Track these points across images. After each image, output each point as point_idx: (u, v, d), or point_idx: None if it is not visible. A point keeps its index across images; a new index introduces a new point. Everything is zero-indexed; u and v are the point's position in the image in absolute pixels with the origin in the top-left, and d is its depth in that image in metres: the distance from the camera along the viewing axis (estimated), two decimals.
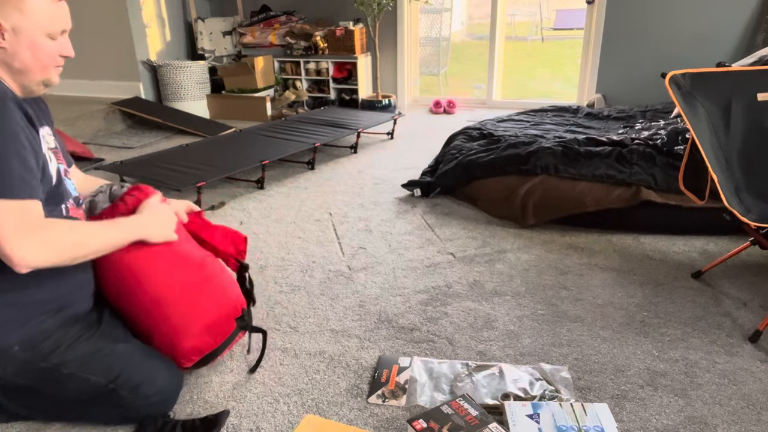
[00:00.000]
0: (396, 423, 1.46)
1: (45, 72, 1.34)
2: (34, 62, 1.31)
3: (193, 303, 1.45)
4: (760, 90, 2.01)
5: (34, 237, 1.21)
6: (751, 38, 4.27)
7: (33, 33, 1.29)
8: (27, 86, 1.34)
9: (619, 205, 2.51)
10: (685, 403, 1.51)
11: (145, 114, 4.62)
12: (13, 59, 1.29)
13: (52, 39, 1.33)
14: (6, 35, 1.26)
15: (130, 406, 1.38)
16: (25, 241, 1.19)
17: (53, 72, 1.36)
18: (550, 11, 11.87)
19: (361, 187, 3.26)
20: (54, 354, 1.33)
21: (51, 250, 1.24)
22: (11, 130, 1.22)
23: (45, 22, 1.30)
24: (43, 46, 1.31)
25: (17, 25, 1.27)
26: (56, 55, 1.35)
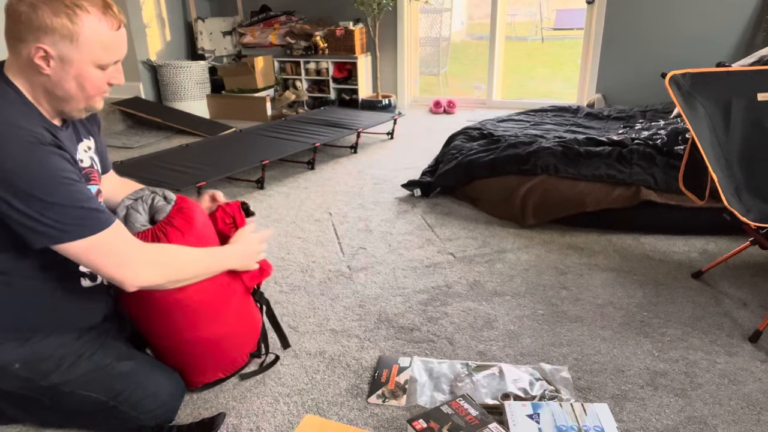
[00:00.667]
0: (396, 423, 1.46)
1: (89, 101, 1.23)
2: (78, 93, 1.19)
3: (223, 351, 1.52)
4: (760, 90, 2.01)
5: (135, 258, 1.21)
6: (751, 38, 4.27)
7: (82, 64, 1.16)
8: (67, 113, 1.24)
9: (619, 205, 2.51)
10: (685, 403, 1.51)
11: (145, 114, 4.62)
12: (56, 88, 1.17)
13: (102, 69, 1.20)
14: (52, 63, 1.14)
15: (132, 419, 1.37)
16: (129, 265, 1.20)
17: (98, 99, 1.25)
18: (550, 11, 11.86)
19: (361, 187, 3.26)
20: (54, 374, 1.30)
21: (155, 270, 1.24)
22: (62, 172, 1.14)
23: (98, 54, 1.17)
24: (91, 77, 1.19)
25: (66, 54, 1.14)
26: (104, 85, 1.23)
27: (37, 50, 1.13)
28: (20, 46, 1.14)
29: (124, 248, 1.21)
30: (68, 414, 1.39)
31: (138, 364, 1.41)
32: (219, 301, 1.44)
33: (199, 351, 1.47)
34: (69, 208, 1.14)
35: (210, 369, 1.53)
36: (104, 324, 1.44)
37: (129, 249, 1.22)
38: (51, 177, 1.13)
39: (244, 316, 1.54)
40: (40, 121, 1.19)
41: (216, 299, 1.43)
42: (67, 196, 1.14)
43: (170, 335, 1.44)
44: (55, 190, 1.13)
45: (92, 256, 1.17)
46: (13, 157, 1.09)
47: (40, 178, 1.11)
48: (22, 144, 1.11)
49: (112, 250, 1.19)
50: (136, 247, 1.23)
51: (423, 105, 5.54)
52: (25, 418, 1.44)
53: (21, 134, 1.12)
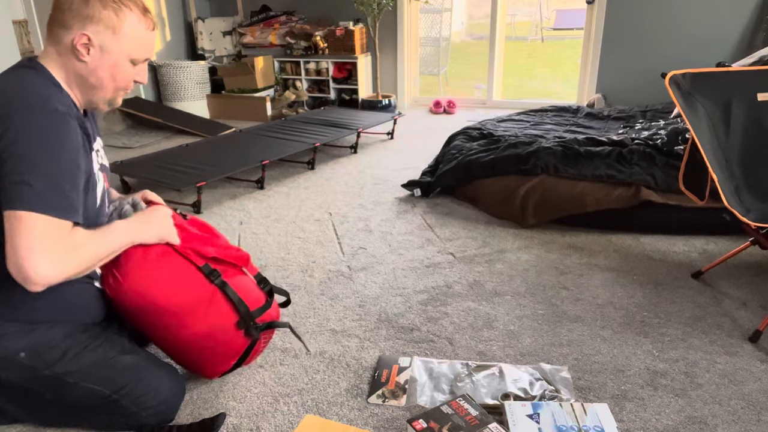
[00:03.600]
0: (396, 423, 1.46)
1: (116, 93, 1.33)
2: (110, 82, 1.29)
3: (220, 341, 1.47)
4: (760, 90, 2.01)
5: (58, 256, 1.14)
6: (751, 38, 4.27)
7: (119, 55, 1.27)
8: (93, 102, 1.33)
9: (619, 205, 2.51)
10: (685, 403, 1.51)
11: (145, 114, 4.62)
12: (91, 75, 1.27)
13: (134, 64, 1.32)
14: (92, 51, 1.25)
15: (133, 415, 1.38)
16: (47, 260, 1.13)
17: (121, 94, 1.35)
18: (550, 11, 11.87)
19: (361, 187, 3.26)
20: (59, 363, 1.32)
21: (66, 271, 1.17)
22: (71, 148, 1.20)
23: (134, 48, 1.29)
24: (124, 69, 1.30)
25: (107, 44, 1.25)
26: (131, 80, 1.33)
27: (81, 37, 1.23)
28: (63, 33, 1.24)
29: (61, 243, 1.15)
30: (69, 410, 1.40)
31: (140, 360, 1.42)
32: (189, 297, 1.41)
33: (197, 346, 1.46)
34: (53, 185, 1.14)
35: (218, 359, 1.51)
36: (107, 320, 1.46)
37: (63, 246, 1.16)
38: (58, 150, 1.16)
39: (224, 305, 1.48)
40: (69, 100, 1.27)
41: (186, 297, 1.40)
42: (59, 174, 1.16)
43: (164, 338, 1.44)
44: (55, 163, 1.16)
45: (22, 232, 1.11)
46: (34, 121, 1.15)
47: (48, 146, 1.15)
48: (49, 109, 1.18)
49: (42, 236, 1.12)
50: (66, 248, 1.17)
51: (423, 105, 5.54)
52: (26, 417, 1.44)
53: (50, 101, 1.19)
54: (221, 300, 1.46)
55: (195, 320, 1.42)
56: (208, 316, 1.46)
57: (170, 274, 1.41)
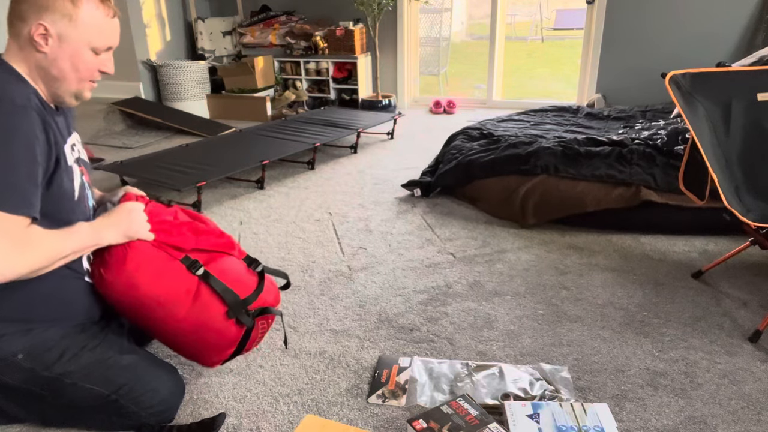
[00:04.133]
0: (396, 423, 1.46)
1: (80, 84, 1.30)
2: (72, 73, 1.27)
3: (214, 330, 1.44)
4: (760, 90, 2.01)
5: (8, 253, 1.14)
6: (751, 38, 4.27)
7: (78, 44, 1.25)
8: (59, 95, 1.30)
9: (619, 205, 2.51)
10: (685, 403, 1.51)
11: (145, 114, 4.62)
12: (52, 66, 1.25)
13: (96, 54, 1.29)
14: (50, 41, 1.23)
15: (133, 415, 1.38)
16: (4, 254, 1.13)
17: (87, 86, 1.32)
18: (550, 11, 11.87)
19: (361, 187, 3.26)
20: (57, 364, 1.31)
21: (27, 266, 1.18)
22: (27, 141, 1.17)
23: (93, 36, 1.26)
24: (85, 59, 1.27)
25: (64, 32, 1.23)
26: (95, 70, 1.30)
27: (37, 27, 1.22)
28: (21, 25, 1.23)
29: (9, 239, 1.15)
30: (69, 410, 1.39)
31: (139, 359, 1.42)
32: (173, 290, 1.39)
33: (190, 338, 1.43)
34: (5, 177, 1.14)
35: (213, 350, 1.47)
36: (106, 319, 1.46)
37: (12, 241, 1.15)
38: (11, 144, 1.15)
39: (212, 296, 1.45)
40: (34, 96, 1.25)
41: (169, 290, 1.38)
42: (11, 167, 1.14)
43: (157, 329, 1.43)
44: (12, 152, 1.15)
45: None
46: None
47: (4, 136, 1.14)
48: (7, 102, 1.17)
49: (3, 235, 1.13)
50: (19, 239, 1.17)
51: (423, 105, 5.54)
52: (26, 417, 1.44)
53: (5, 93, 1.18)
54: (206, 291, 1.42)
55: (183, 312, 1.40)
56: (194, 308, 1.42)
57: (152, 267, 1.38)
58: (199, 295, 1.42)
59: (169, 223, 1.47)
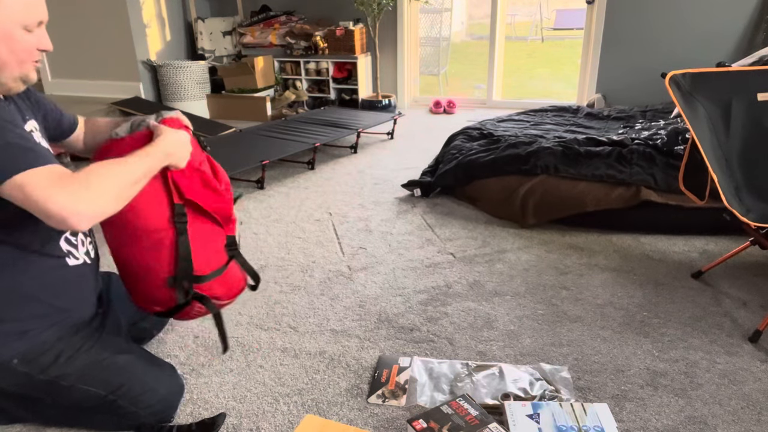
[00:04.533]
0: (396, 423, 1.46)
1: (22, 67, 1.23)
2: (10, 56, 1.20)
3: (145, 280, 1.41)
4: (760, 90, 2.01)
5: (77, 189, 1.12)
6: (751, 38, 4.27)
7: (8, 26, 1.17)
8: (4, 83, 1.23)
9: (619, 205, 2.51)
10: (685, 403, 1.51)
11: (145, 114, 4.62)
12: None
13: (29, 32, 1.21)
14: None
15: (131, 415, 1.38)
16: (71, 197, 1.10)
17: (30, 67, 1.25)
18: (550, 11, 11.87)
19: (361, 187, 3.26)
20: (53, 367, 1.30)
21: (99, 197, 1.15)
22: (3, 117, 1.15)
23: (20, 14, 1.18)
24: (20, 40, 1.20)
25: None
26: (34, 49, 1.23)
27: None
28: None
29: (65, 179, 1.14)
30: (68, 411, 1.39)
31: (136, 359, 1.41)
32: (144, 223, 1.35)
33: (128, 270, 1.40)
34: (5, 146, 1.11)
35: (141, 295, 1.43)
36: (100, 319, 1.45)
37: (69, 179, 1.14)
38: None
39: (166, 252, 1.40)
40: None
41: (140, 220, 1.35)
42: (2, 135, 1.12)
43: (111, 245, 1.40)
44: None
45: (28, 190, 1.10)
46: None
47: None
48: None
49: (53, 182, 1.12)
50: (75, 176, 1.16)
51: (423, 105, 5.54)
52: (29, 417, 1.44)
53: None
54: (169, 246, 1.37)
55: (135, 245, 1.36)
56: (148, 251, 1.37)
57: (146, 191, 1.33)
58: (161, 245, 1.37)
59: (190, 163, 1.41)
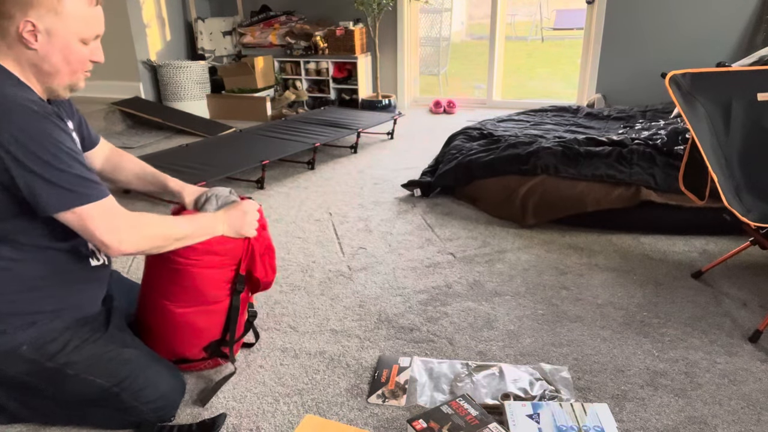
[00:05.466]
0: (396, 423, 1.46)
1: (73, 76, 1.31)
2: (64, 66, 1.27)
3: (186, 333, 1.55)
4: (760, 90, 2.01)
5: (125, 228, 1.28)
6: (751, 38, 4.27)
7: (67, 37, 1.24)
8: (53, 90, 1.31)
9: (619, 205, 2.51)
10: (685, 403, 1.51)
11: (145, 114, 4.62)
12: (44, 62, 1.25)
13: (85, 44, 1.29)
14: (39, 37, 1.22)
15: (133, 410, 1.39)
16: (119, 234, 1.26)
17: (81, 77, 1.33)
18: (550, 11, 11.87)
19: (361, 187, 3.26)
20: (60, 355, 1.33)
21: (141, 239, 1.30)
22: (64, 142, 1.21)
23: (80, 27, 1.26)
24: (76, 51, 1.27)
25: (52, 27, 1.22)
26: (87, 60, 1.31)
27: (25, 24, 1.20)
28: (7, 23, 1.21)
29: (117, 217, 1.28)
30: (70, 405, 1.40)
31: (140, 354, 1.44)
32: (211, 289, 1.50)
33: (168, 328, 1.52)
34: (75, 177, 1.22)
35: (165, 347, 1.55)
36: (105, 314, 1.48)
37: (120, 217, 1.28)
38: (56, 145, 1.20)
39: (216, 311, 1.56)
40: (35, 93, 1.27)
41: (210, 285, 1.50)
42: (73, 165, 1.22)
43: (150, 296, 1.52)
44: (63, 158, 1.20)
45: (89, 223, 1.23)
46: (21, 125, 1.16)
47: (48, 146, 1.18)
48: (28, 112, 1.18)
49: (107, 217, 1.26)
50: (126, 216, 1.30)
51: (423, 105, 5.54)
52: (27, 416, 1.45)
53: (25, 104, 1.19)
54: (222, 312, 1.55)
55: (193, 306, 1.50)
56: (205, 314, 1.52)
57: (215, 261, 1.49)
58: (217, 310, 1.54)
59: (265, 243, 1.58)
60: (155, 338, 1.54)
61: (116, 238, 1.26)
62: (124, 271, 2.29)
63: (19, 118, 1.16)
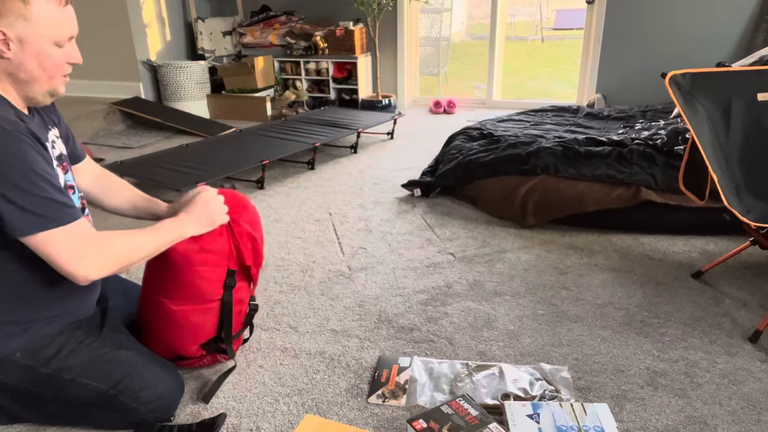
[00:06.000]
0: (396, 423, 1.46)
1: (52, 81, 1.27)
2: (40, 72, 1.23)
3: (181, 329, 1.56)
4: (760, 90, 2.01)
5: (91, 254, 1.23)
6: (751, 38, 4.27)
7: (39, 42, 1.21)
8: (33, 97, 1.27)
9: (619, 205, 2.51)
10: (685, 403, 1.51)
11: (145, 114, 4.62)
12: (19, 70, 1.21)
13: (59, 47, 1.25)
14: (11, 45, 1.18)
15: (131, 411, 1.38)
16: (84, 261, 1.22)
17: (60, 81, 1.29)
18: (550, 11, 11.87)
19: (361, 187, 3.26)
20: (55, 360, 1.32)
21: (108, 263, 1.26)
22: (35, 164, 1.18)
23: (51, 30, 1.21)
24: (50, 55, 1.23)
25: (22, 34, 1.18)
26: (63, 64, 1.27)
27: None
28: None
29: (83, 242, 1.23)
30: (69, 408, 1.40)
31: (137, 355, 1.43)
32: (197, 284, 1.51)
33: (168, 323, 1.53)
34: (44, 200, 1.18)
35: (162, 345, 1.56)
36: (100, 315, 1.47)
37: (87, 243, 1.24)
38: (27, 167, 1.16)
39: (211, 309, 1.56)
40: (10, 108, 1.23)
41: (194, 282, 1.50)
42: (44, 188, 1.18)
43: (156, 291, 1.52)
44: (33, 179, 1.16)
45: (50, 249, 1.19)
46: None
47: (17, 167, 1.14)
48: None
49: (72, 244, 1.21)
50: (93, 240, 1.26)
51: (423, 105, 5.54)
52: (27, 416, 1.44)
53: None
54: (216, 310, 1.55)
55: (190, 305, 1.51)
56: (201, 313, 1.53)
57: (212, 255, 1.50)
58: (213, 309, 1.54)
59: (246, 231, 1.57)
60: (154, 336, 1.55)
61: (81, 266, 1.21)
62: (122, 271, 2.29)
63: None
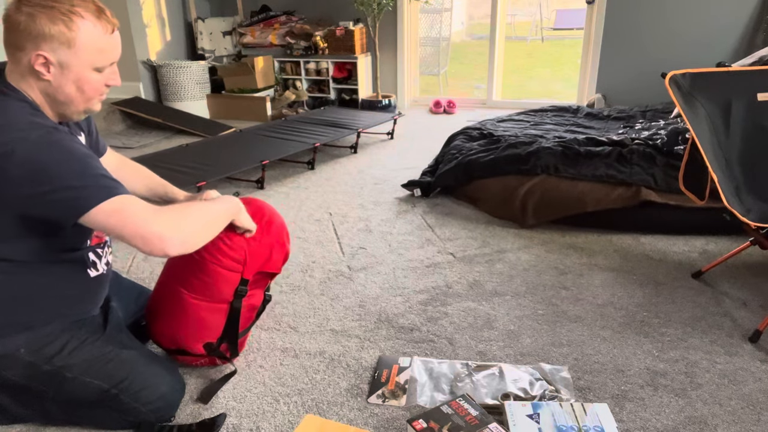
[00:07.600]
0: (396, 423, 1.46)
1: (88, 103, 1.27)
2: (78, 95, 1.24)
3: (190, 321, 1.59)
4: (760, 90, 2.01)
5: (163, 212, 1.23)
6: (751, 38, 4.27)
7: (81, 68, 1.21)
8: (67, 116, 1.28)
9: (619, 205, 2.51)
10: (685, 403, 1.51)
11: (145, 114, 4.62)
12: (57, 93, 1.22)
13: (100, 72, 1.25)
14: (52, 69, 1.19)
15: (132, 410, 1.39)
16: (159, 217, 1.20)
17: (96, 101, 1.29)
18: (550, 11, 11.86)
19: (361, 187, 3.26)
20: (58, 357, 1.33)
21: (180, 222, 1.25)
22: (84, 153, 1.20)
23: (95, 57, 1.21)
24: (90, 80, 1.23)
25: (64, 60, 1.18)
26: (102, 87, 1.27)
27: (37, 57, 1.17)
28: (20, 54, 1.18)
29: (151, 207, 1.22)
30: (70, 406, 1.40)
31: (139, 354, 1.44)
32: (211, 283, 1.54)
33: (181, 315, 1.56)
34: (100, 177, 1.19)
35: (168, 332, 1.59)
36: (102, 315, 1.48)
37: (155, 208, 1.23)
38: (73, 153, 1.18)
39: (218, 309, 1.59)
40: (48, 120, 1.24)
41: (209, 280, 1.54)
42: (95, 167, 1.19)
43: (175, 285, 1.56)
44: (85, 162, 1.18)
45: (120, 215, 1.17)
46: (38, 146, 1.14)
47: (66, 158, 1.16)
48: (43, 133, 1.17)
49: (142, 207, 1.20)
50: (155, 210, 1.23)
51: (423, 105, 5.54)
52: (28, 416, 1.45)
53: (40, 126, 1.18)
54: (225, 312, 1.58)
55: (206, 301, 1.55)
56: (211, 312, 1.56)
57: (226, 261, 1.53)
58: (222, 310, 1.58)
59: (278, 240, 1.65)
60: (163, 324, 1.58)
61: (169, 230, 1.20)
62: (123, 271, 2.29)
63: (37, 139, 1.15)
